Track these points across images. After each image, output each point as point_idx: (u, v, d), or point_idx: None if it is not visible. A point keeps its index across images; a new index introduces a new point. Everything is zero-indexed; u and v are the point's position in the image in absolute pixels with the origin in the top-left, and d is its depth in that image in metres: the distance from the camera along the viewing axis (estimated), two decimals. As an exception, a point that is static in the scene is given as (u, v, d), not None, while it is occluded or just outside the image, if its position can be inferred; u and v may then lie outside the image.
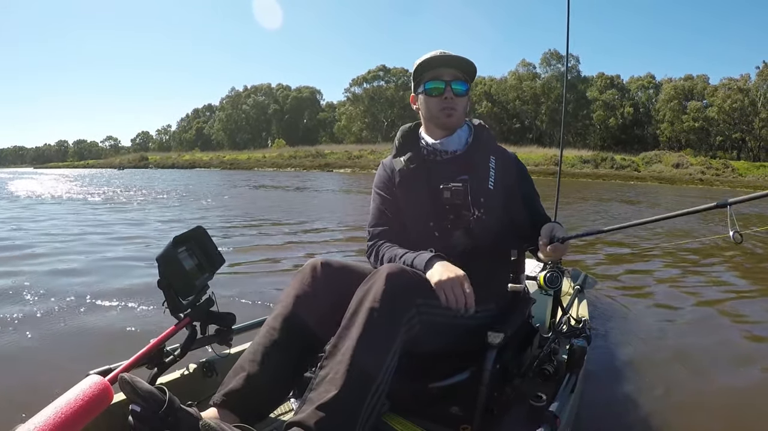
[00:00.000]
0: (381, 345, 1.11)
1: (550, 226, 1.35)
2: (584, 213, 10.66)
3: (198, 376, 1.49)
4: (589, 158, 33.11)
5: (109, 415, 1.14)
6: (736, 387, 2.30)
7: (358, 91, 55.05)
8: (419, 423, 1.30)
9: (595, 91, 46.51)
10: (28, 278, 3.77)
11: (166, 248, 1.27)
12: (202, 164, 49.46)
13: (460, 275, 1.28)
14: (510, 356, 1.39)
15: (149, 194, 14.46)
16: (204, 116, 76.39)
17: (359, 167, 37.19)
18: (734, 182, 27.49)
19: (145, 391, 1.02)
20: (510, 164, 1.55)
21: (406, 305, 1.17)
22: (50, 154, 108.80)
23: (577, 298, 2.37)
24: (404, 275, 1.20)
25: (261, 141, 62.66)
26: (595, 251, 5.85)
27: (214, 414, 1.15)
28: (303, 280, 1.33)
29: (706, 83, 43.81)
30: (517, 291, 1.55)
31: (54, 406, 0.99)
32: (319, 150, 46.15)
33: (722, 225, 1.03)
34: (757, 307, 3.63)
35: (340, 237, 6.52)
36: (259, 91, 67.29)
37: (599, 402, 2.05)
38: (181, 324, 1.32)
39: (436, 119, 1.51)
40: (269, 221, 8.00)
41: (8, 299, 3.21)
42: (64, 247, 5.23)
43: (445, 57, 1.47)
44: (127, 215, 8.58)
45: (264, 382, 1.21)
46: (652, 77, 48.65)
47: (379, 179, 1.60)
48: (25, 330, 2.65)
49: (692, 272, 4.87)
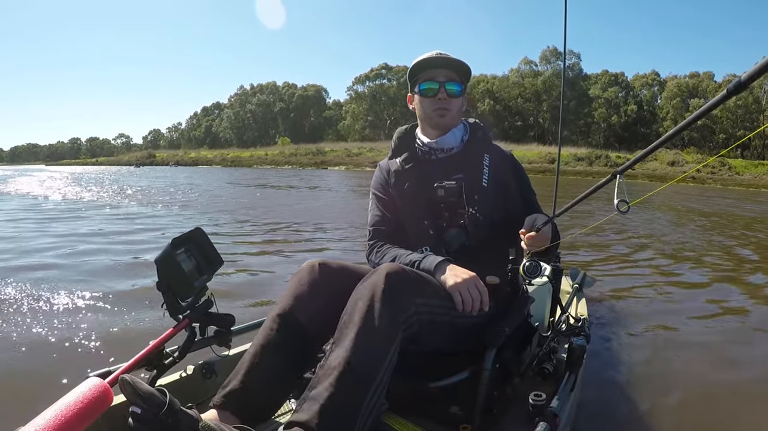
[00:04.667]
0: (380, 344, 1.11)
1: (533, 216, 1.37)
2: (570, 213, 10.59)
3: (197, 377, 1.49)
4: (583, 155, 32.90)
5: (109, 417, 1.15)
6: (738, 384, 2.30)
7: (360, 89, 55.14)
8: (419, 422, 1.30)
9: (598, 89, 46.30)
10: (28, 278, 3.77)
11: (164, 250, 1.27)
12: (206, 162, 49.54)
13: (473, 276, 1.31)
14: (509, 355, 1.39)
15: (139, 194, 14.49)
16: (213, 114, 76.50)
17: (353, 165, 37.16)
18: (729, 180, 26.62)
19: (146, 393, 1.02)
20: (505, 161, 1.57)
21: (405, 304, 1.17)
22: (63, 151, 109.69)
23: (576, 297, 2.37)
24: (404, 274, 1.20)
25: (268, 139, 62.49)
26: (595, 250, 5.84)
27: (214, 416, 1.16)
28: (301, 281, 1.34)
29: (711, 81, 43.27)
30: (516, 290, 1.55)
31: (54, 408, 0.99)
32: (319, 148, 46.04)
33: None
34: (759, 305, 3.62)
35: (324, 236, 6.52)
36: (266, 90, 67.33)
37: (599, 400, 2.05)
38: (181, 326, 1.32)
39: (429, 119, 1.54)
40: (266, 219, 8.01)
41: (8, 298, 3.23)
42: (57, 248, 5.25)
43: (439, 58, 1.49)
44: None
45: (263, 383, 1.21)
46: (657, 75, 48.35)
47: (376, 181, 1.63)
48: (26, 331, 2.66)
49: (692, 269, 4.88)
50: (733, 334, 2.98)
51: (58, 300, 3.22)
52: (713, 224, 8.89)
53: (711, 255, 5.67)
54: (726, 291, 4.03)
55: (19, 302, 3.19)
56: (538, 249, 1.38)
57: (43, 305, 3.13)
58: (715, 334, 2.98)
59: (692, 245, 6.32)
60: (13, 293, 3.36)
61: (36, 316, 2.91)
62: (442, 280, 1.32)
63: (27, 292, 3.39)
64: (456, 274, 1.31)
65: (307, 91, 65.54)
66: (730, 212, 11.49)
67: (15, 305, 3.13)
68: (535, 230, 1.32)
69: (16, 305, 3.13)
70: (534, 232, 1.32)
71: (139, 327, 2.77)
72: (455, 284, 1.29)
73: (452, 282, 1.30)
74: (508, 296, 1.53)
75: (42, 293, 3.36)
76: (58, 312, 3.00)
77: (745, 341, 2.87)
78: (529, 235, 1.32)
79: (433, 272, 1.35)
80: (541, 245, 1.35)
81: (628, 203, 1.01)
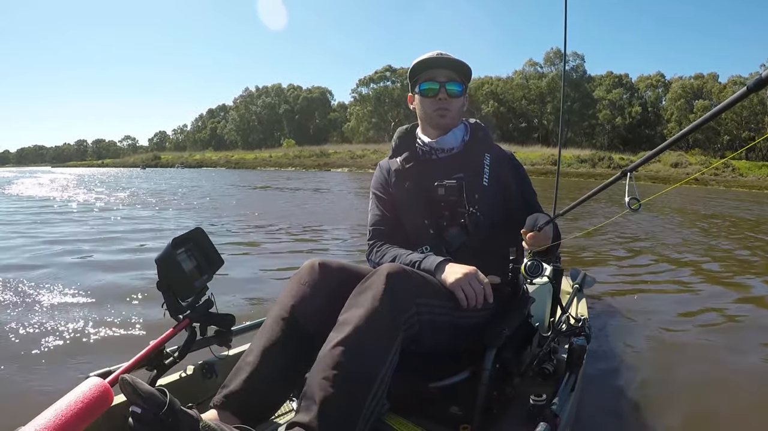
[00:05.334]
0: (381, 345, 1.11)
1: (534, 216, 1.37)
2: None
3: (197, 377, 1.50)
4: (586, 157, 32.78)
5: (109, 417, 1.15)
6: (739, 385, 2.30)
7: (365, 91, 55.18)
8: (419, 423, 1.29)
9: (602, 91, 46.10)
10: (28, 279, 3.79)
11: (165, 249, 1.28)
12: (210, 164, 49.71)
13: (473, 270, 1.31)
14: (509, 355, 1.39)
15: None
16: (218, 116, 76.56)
17: (357, 167, 37.23)
18: (732, 181, 26.44)
19: (146, 392, 1.02)
20: (506, 162, 1.57)
21: (406, 304, 1.16)
22: (70, 153, 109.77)
23: (576, 297, 2.36)
24: (404, 274, 1.20)
25: (273, 141, 62.46)
26: (595, 250, 5.83)
27: (214, 416, 1.15)
28: (301, 280, 1.34)
29: (716, 82, 42.82)
30: (517, 290, 1.55)
31: (54, 408, 0.99)
32: (323, 150, 46.16)
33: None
34: (761, 309, 3.60)
35: (324, 237, 6.52)
36: (271, 92, 67.39)
37: (599, 400, 2.05)
38: (181, 326, 1.33)
39: (430, 119, 1.55)
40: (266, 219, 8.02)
41: (8, 300, 3.24)
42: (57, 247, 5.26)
43: (439, 59, 1.49)
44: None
45: (264, 383, 1.21)
46: (662, 76, 47.98)
47: (376, 181, 1.63)
48: (26, 332, 2.67)
49: (693, 271, 4.86)
50: (734, 335, 2.98)
51: (59, 300, 3.24)
52: (714, 226, 8.86)
53: (713, 257, 5.65)
54: (728, 293, 4.01)
55: (18, 301, 3.20)
56: (539, 249, 1.37)
57: (44, 305, 3.15)
58: (716, 335, 2.98)
59: (693, 247, 6.31)
60: (13, 293, 3.37)
61: (36, 316, 2.92)
62: (443, 279, 1.32)
63: (27, 291, 3.40)
64: (455, 271, 1.31)
65: (312, 93, 65.57)
66: (731, 213, 11.46)
67: (15, 304, 3.14)
68: (537, 230, 1.31)
69: (16, 304, 3.15)
70: (536, 231, 1.31)
71: (140, 326, 2.78)
72: (456, 280, 1.29)
73: (453, 279, 1.29)
74: (509, 296, 1.53)
75: (42, 292, 3.38)
76: (59, 312, 3.01)
77: (746, 342, 2.86)
78: (530, 234, 1.32)
79: (433, 273, 1.35)
80: (542, 244, 1.34)
81: (639, 201, 1.00)
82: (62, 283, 3.66)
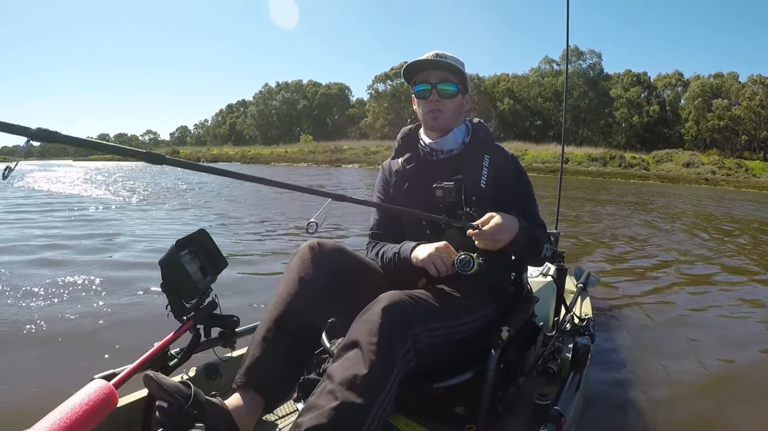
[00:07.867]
0: (377, 378, 1.06)
1: (492, 214, 1.35)
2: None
3: (202, 379, 1.50)
4: (597, 156, 32.40)
5: (113, 419, 1.16)
6: (744, 386, 2.28)
7: (381, 87, 55.13)
8: (424, 423, 1.29)
9: (619, 89, 45.44)
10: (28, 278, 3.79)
11: (168, 251, 1.28)
12: (226, 158, 49.90)
13: (441, 243, 1.37)
14: (514, 355, 1.38)
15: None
16: (237, 112, 76.47)
17: (367, 163, 37.28)
18: (743, 182, 25.60)
19: (171, 386, 1.04)
20: (506, 163, 1.54)
21: (402, 340, 1.13)
22: None
23: (581, 296, 2.34)
24: (401, 305, 1.17)
25: (292, 137, 62.15)
26: (599, 250, 5.80)
27: (238, 401, 1.18)
28: (303, 259, 1.37)
29: (736, 81, 41.51)
30: (520, 290, 1.54)
31: (59, 410, 1.00)
32: (338, 146, 46.11)
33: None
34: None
35: (324, 237, 6.47)
36: (291, 87, 67.37)
37: (604, 399, 2.03)
38: (185, 328, 1.34)
39: (425, 121, 1.56)
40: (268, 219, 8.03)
41: (8, 301, 3.25)
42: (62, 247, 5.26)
43: (429, 60, 1.47)
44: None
45: (279, 357, 1.25)
46: (680, 75, 46.98)
47: (378, 182, 1.65)
48: (28, 333, 2.68)
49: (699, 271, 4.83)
50: (738, 336, 2.95)
51: (58, 300, 3.25)
52: (723, 227, 8.77)
53: (720, 258, 5.60)
54: (733, 294, 3.97)
55: (19, 300, 3.22)
56: (492, 247, 1.34)
57: (42, 305, 3.15)
58: (721, 335, 2.95)
59: (698, 248, 6.23)
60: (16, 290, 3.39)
61: (37, 316, 2.92)
62: (414, 259, 1.38)
63: (26, 291, 3.41)
64: (424, 249, 1.37)
65: (331, 89, 65.42)
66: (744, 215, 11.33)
67: (15, 303, 3.16)
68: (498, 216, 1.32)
69: (16, 303, 3.16)
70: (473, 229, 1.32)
71: (144, 328, 2.77)
72: (427, 256, 1.34)
73: (423, 256, 1.35)
74: (512, 296, 1.52)
75: (42, 293, 3.38)
76: (58, 312, 3.01)
77: (750, 343, 2.83)
78: (471, 232, 1.33)
79: (409, 258, 1.40)
80: (488, 240, 1.33)
81: (317, 223, 1.04)
82: (62, 282, 3.65)
